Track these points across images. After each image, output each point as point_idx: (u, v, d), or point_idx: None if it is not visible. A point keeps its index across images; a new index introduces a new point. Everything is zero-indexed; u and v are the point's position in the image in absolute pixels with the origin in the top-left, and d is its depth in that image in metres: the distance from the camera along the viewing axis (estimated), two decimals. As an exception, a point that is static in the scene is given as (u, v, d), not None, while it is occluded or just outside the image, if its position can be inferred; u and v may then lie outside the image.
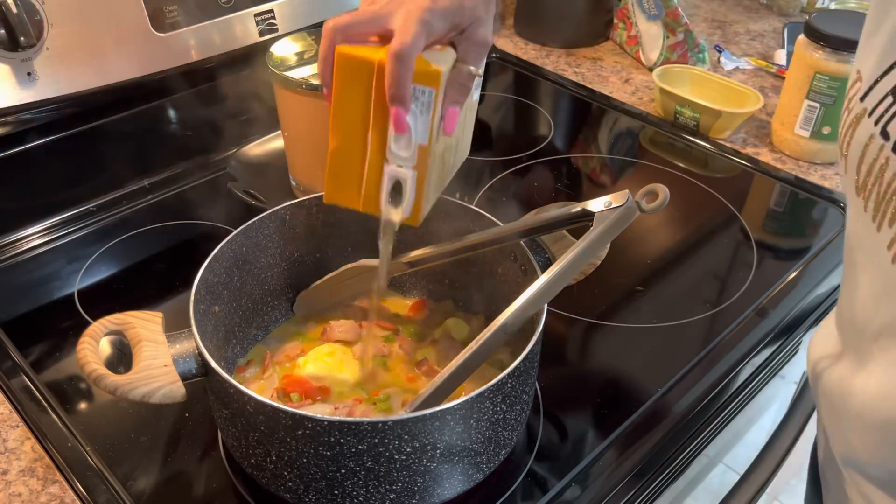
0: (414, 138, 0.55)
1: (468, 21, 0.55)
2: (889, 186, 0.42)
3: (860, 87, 0.45)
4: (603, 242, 0.58)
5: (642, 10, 1.25)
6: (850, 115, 0.46)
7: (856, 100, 0.45)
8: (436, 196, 0.64)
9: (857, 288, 0.48)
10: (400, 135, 0.55)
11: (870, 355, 0.47)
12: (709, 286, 0.84)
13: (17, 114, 0.84)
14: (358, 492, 0.54)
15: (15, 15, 0.78)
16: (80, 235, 0.89)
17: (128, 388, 0.53)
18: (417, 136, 0.55)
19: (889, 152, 0.41)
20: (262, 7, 0.99)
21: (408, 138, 0.55)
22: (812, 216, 0.96)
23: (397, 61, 0.52)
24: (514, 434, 0.61)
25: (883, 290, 0.44)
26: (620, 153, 1.08)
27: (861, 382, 0.48)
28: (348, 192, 0.59)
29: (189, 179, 0.97)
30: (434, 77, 0.54)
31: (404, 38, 0.52)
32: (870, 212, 0.44)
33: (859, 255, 0.48)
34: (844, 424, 0.50)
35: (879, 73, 0.43)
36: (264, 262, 0.70)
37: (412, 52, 0.52)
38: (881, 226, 0.43)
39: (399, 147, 0.56)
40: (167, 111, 0.98)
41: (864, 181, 0.44)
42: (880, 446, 0.47)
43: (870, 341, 0.46)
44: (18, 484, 0.62)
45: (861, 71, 0.46)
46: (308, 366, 0.66)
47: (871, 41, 0.45)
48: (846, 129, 0.46)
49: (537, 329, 0.57)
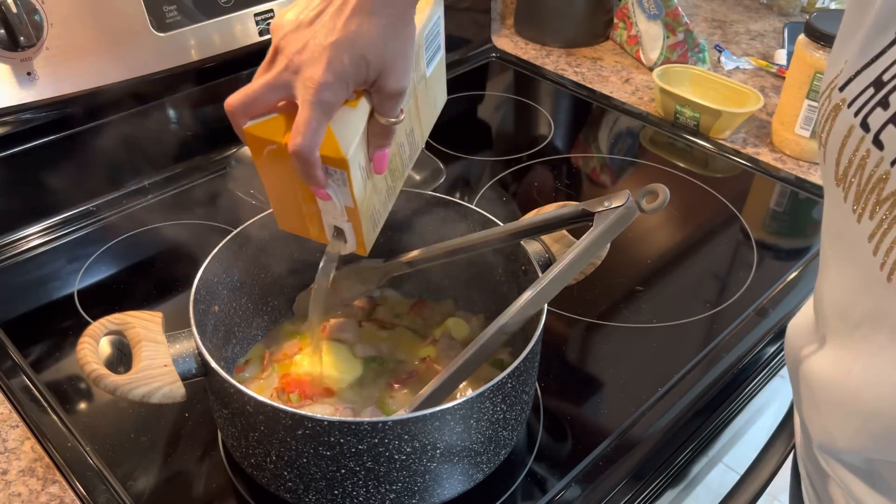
0: (339, 204, 0.56)
1: (375, 74, 0.52)
2: (870, 179, 0.41)
3: (839, 78, 0.45)
4: (603, 242, 0.58)
5: (642, 10, 1.25)
6: (829, 105, 0.45)
7: (834, 90, 0.45)
8: (391, 204, 0.64)
9: (837, 277, 0.48)
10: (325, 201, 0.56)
11: (851, 344, 0.47)
12: (709, 286, 0.84)
13: (17, 114, 0.84)
14: (358, 492, 0.54)
15: (15, 15, 0.78)
16: (80, 235, 0.89)
17: (128, 388, 0.53)
18: (341, 202, 0.56)
19: (870, 144, 0.41)
20: (262, 7, 0.99)
21: (332, 205, 0.56)
22: (812, 216, 0.96)
23: (299, 160, 0.51)
24: (514, 434, 0.61)
25: (863, 280, 0.44)
26: (620, 153, 1.08)
27: (842, 371, 0.48)
28: (298, 226, 0.61)
29: (189, 179, 0.97)
30: (342, 163, 0.52)
31: (301, 137, 0.50)
32: (849, 203, 0.43)
33: (838, 244, 0.47)
34: (823, 412, 0.50)
35: (861, 65, 0.43)
36: (264, 262, 0.70)
37: (312, 149, 0.51)
38: (861, 218, 0.42)
39: (327, 210, 0.57)
40: (167, 111, 0.98)
41: (845, 172, 0.43)
42: (859, 433, 0.46)
43: (851, 329, 0.46)
44: (18, 484, 0.62)
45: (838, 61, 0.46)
46: (305, 363, 0.66)
47: (851, 31, 0.45)
48: (825, 120, 0.46)
49: (537, 329, 0.57)
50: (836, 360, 0.49)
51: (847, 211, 0.44)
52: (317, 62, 0.50)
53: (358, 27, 0.50)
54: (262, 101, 0.53)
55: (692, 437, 0.68)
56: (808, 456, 0.58)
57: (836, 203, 0.45)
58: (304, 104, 0.51)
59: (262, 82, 0.52)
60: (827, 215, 0.49)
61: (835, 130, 0.44)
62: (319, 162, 0.52)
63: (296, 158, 0.51)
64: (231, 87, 0.85)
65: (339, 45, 0.50)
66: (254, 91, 0.52)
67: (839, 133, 0.44)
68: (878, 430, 0.45)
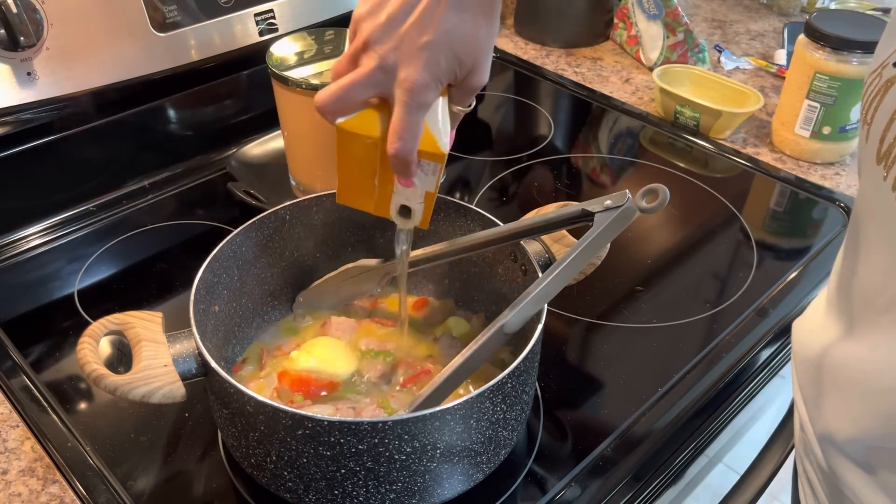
0: (420, 190, 0.57)
1: (465, 72, 0.53)
2: None
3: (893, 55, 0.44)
4: (603, 242, 0.58)
5: (642, 10, 1.25)
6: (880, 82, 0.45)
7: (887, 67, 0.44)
8: None
9: (866, 262, 0.47)
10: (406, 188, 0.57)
11: (876, 329, 0.46)
12: (709, 286, 0.84)
13: (17, 114, 0.84)
14: (358, 492, 0.54)
15: (15, 15, 0.78)
16: (80, 235, 0.89)
17: (128, 388, 0.53)
18: (422, 188, 0.57)
19: None
20: (262, 7, 0.99)
21: (413, 190, 0.57)
22: (812, 216, 0.96)
23: (398, 161, 0.52)
24: (514, 434, 0.61)
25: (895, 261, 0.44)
26: (620, 153, 1.08)
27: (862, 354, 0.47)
28: (359, 201, 0.61)
29: (189, 179, 0.97)
30: (440, 157, 0.54)
31: (402, 141, 0.51)
32: (890, 181, 0.43)
33: (872, 227, 0.47)
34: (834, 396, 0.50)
35: None
36: (264, 262, 0.70)
37: (412, 151, 0.52)
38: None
39: (404, 193, 0.57)
40: (167, 111, 0.98)
41: (889, 149, 0.43)
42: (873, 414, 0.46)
43: (877, 314, 0.46)
44: (18, 484, 0.62)
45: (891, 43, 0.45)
46: (301, 358, 0.66)
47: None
48: (872, 97, 0.45)
49: (537, 329, 0.57)
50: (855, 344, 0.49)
51: (887, 189, 0.43)
52: (413, 63, 0.50)
53: (452, 26, 0.50)
54: (353, 98, 0.52)
55: (692, 437, 0.68)
56: (807, 454, 0.58)
57: (875, 183, 0.44)
58: (402, 106, 0.50)
59: (353, 80, 0.52)
60: (862, 198, 0.48)
61: (883, 106, 0.44)
62: (417, 161, 0.52)
63: (394, 160, 0.52)
64: (231, 87, 0.85)
65: (435, 45, 0.50)
66: (345, 89, 0.52)
67: (888, 108, 0.43)
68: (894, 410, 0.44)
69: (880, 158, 0.44)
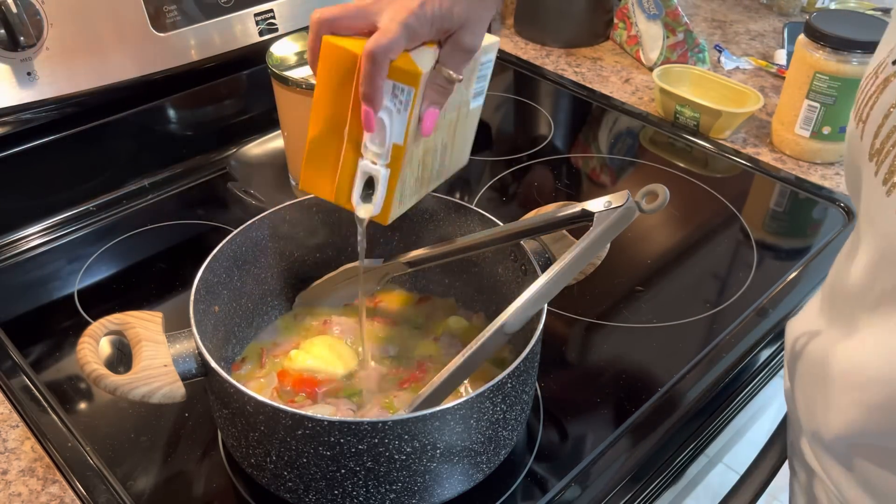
0: (389, 136, 0.56)
1: (456, 26, 0.55)
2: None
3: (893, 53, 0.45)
4: (603, 242, 0.58)
5: (642, 10, 1.26)
6: (878, 81, 0.45)
7: (887, 65, 0.45)
8: (414, 200, 0.64)
9: (857, 258, 0.48)
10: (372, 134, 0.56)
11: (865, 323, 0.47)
12: (709, 286, 0.84)
13: (17, 114, 0.84)
14: (358, 492, 0.54)
15: (15, 15, 0.78)
16: (80, 235, 0.89)
17: (128, 388, 0.53)
18: (393, 135, 0.56)
19: None
20: (262, 7, 0.99)
21: (382, 136, 0.56)
22: (812, 216, 0.96)
23: (369, 60, 0.52)
24: (514, 434, 0.61)
25: (882, 257, 0.44)
26: (620, 153, 1.08)
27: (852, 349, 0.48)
28: (322, 182, 0.60)
29: (189, 179, 0.97)
30: (414, 77, 0.54)
31: (381, 39, 0.52)
32: (880, 177, 0.43)
33: (862, 223, 0.47)
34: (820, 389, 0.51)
35: None
36: (264, 262, 0.70)
37: (387, 53, 0.52)
38: (891, 191, 0.42)
39: (373, 144, 0.56)
40: (167, 111, 0.98)
41: (882, 144, 0.44)
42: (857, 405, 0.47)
43: (866, 310, 0.46)
44: (18, 484, 0.62)
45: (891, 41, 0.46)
46: (301, 358, 0.66)
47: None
48: (869, 95, 0.46)
49: (537, 329, 0.57)
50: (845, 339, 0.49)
51: (877, 185, 0.44)
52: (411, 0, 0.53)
53: None
54: (348, 20, 0.55)
55: (692, 437, 0.68)
56: (796, 453, 0.58)
57: (868, 179, 0.45)
58: (392, 21, 0.52)
59: (357, 4, 0.55)
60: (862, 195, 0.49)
61: (879, 103, 0.44)
62: (387, 69, 0.53)
63: (367, 60, 0.52)
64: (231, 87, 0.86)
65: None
66: (347, 9, 0.55)
67: (884, 105, 0.44)
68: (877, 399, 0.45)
69: (872, 155, 0.45)
